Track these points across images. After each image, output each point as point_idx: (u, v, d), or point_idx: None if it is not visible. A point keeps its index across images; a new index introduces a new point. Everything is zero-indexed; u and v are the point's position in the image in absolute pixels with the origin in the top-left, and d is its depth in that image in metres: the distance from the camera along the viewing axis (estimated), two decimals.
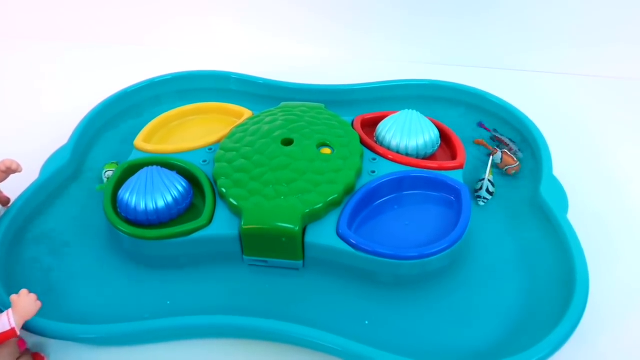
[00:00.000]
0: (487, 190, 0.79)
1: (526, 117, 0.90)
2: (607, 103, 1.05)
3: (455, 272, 0.71)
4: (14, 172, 0.73)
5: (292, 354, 0.63)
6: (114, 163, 0.85)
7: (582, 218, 0.75)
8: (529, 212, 0.78)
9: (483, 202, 0.79)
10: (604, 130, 0.97)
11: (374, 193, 0.75)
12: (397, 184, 0.76)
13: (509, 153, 0.84)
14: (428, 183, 0.76)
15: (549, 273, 0.69)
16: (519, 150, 0.86)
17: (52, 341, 0.65)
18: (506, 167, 0.83)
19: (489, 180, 0.80)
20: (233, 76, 1.01)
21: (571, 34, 1.10)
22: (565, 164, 0.85)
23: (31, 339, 0.65)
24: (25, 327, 0.62)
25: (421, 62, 1.16)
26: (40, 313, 0.64)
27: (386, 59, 1.18)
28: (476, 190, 0.80)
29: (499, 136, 0.88)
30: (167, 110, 0.93)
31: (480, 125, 0.91)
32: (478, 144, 0.89)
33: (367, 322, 0.66)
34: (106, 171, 0.84)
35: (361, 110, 0.91)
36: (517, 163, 0.83)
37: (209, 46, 1.23)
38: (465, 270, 0.71)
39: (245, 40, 1.22)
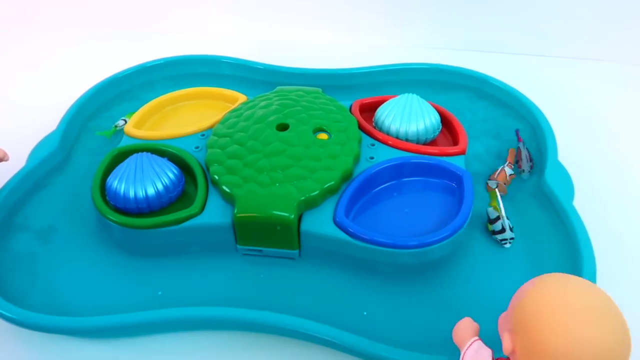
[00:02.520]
0: (510, 229, 0.69)
1: (530, 102, 0.87)
2: (614, 88, 1.02)
3: (456, 262, 0.68)
4: (0, 160, 0.71)
5: (288, 346, 0.61)
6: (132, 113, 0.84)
7: (588, 205, 0.73)
8: (533, 199, 0.76)
9: (509, 243, 0.69)
10: (611, 116, 0.95)
11: (373, 180, 0.73)
12: (397, 171, 0.74)
13: (508, 169, 0.77)
14: (429, 169, 0.74)
15: (555, 261, 0.67)
16: (529, 172, 0.78)
17: (39, 334, 0.63)
18: (497, 183, 0.76)
19: (506, 217, 0.70)
20: (227, 60, 0.98)
21: (577, 18, 1.07)
22: (571, 150, 0.83)
23: (17, 332, 0.63)
24: (11, 320, 0.60)
25: (421, 47, 1.13)
26: (26, 305, 0.62)
27: (385, 44, 1.14)
28: (495, 232, 0.69)
29: (522, 149, 0.81)
30: (159, 96, 0.90)
31: (517, 132, 0.84)
32: (510, 153, 0.81)
33: (365, 313, 0.64)
34: (121, 120, 0.79)
35: (359, 95, 0.88)
36: (504, 187, 0.76)
37: (203, 31, 1.20)
38: (467, 259, 0.69)
39: (240, 24, 1.19)
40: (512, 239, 0.69)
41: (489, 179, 0.77)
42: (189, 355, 0.62)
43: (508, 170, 0.77)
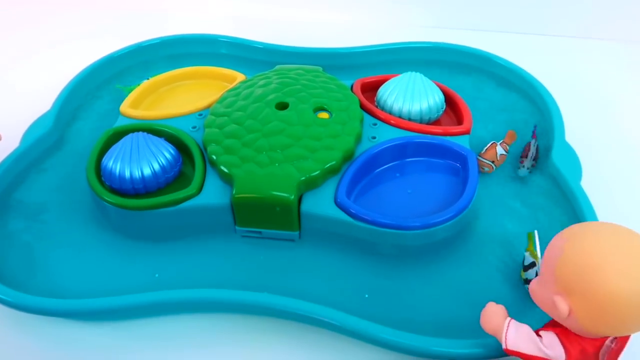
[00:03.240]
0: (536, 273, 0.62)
1: (537, 81, 0.85)
2: (622, 67, 1.00)
3: (460, 244, 0.67)
4: None
5: (289, 329, 0.60)
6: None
7: (596, 185, 0.71)
8: (540, 180, 0.74)
9: None
10: (619, 95, 0.93)
11: (375, 160, 0.71)
12: (400, 151, 0.72)
13: (500, 148, 0.74)
14: (432, 149, 0.72)
15: None
16: (528, 170, 0.74)
17: (34, 316, 0.62)
18: (484, 161, 0.73)
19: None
20: (225, 39, 0.96)
21: None
22: (579, 130, 0.80)
23: (12, 315, 0.62)
24: (6, 303, 0.59)
25: (424, 26, 1.10)
26: (20, 288, 0.61)
27: (388, 23, 1.12)
28: (527, 281, 0.62)
29: (532, 146, 0.76)
30: (155, 76, 0.88)
31: (534, 128, 0.79)
32: (510, 135, 0.78)
33: (367, 296, 0.63)
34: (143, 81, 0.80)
35: (360, 75, 0.86)
36: (491, 164, 0.73)
37: (200, 9, 1.17)
38: (472, 241, 0.67)
39: (239, 2, 1.16)
40: None
41: (478, 155, 0.74)
42: (187, 337, 0.61)
43: (499, 150, 0.74)
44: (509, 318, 0.49)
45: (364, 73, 0.87)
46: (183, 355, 0.59)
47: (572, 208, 0.68)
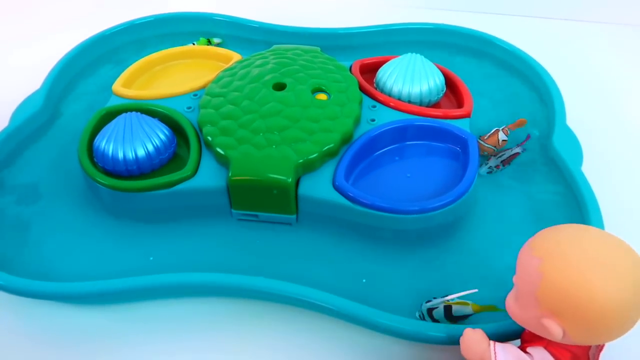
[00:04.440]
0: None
1: (537, 63, 0.84)
2: (622, 51, 0.99)
3: (459, 229, 0.66)
4: None
5: (284, 313, 0.60)
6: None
7: (597, 170, 0.70)
8: (540, 165, 0.73)
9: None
10: (620, 79, 0.92)
11: (374, 143, 0.69)
12: (399, 134, 0.70)
13: (502, 134, 0.72)
14: (432, 132, 0.71)
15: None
16: (491, 168, 0.72)
17: (26, 300, 0.61)
18: (486, 145, 0.72)
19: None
20: (220, 18, 0.93)
21: None
22: (579, 114, 0.79)
23: (2, 298, 0.60)
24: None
25: (423, 7, 1.08)
26: (11, 270, 0.59)
27: (388, 3, 1.09)
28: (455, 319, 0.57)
29: (513, 149, 0.73)
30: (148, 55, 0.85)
31: (528, 136, 0.75)
32: (519, 123, 0.75)
33: (364, 281, 0.62)
34: (217, 39, 0.80)
35: (358, 56, 0.84)
36: (490, 146, 0.72)
37: None
38: (471, 226, 0.67)
39: None
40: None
41: (479, 139, 0.73)
42: (182, 321, 0.60)
43: (502, 135, 0.73)
44: (491, 342, 0.47)
45: (363, 54, 0.85)
46: (177, 338, 0.59)
47: (572, 193, 0.67)
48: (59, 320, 0.60)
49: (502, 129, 0.74)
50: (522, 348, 0.46)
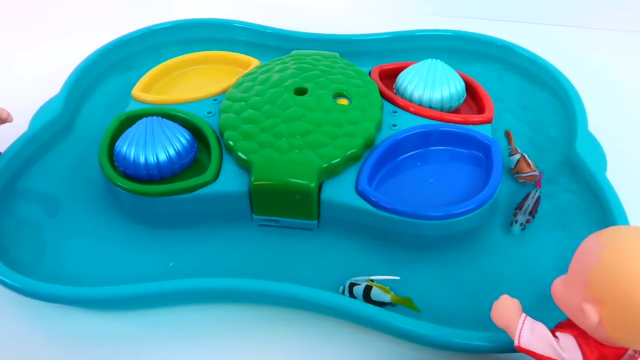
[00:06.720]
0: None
1: (558, 71, 0.83)
2: None
3: (483, 236, 0.65)
4: (4, 121, 0.67)
5: (305, 320, 0.59)
6: None
7: (622, 176, 0.69)
8: (564, 171, 0.72)
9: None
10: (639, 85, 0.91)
11: (396, 148, 0.69)
12: (423, 139, 0.70)
13: (527, 159, 0.71)
14: (456, 138, 0.70)
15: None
16: (523, 225, 0.66)
17: (46, 304, 0.60)
18: (518, 174, 0.70)
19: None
20: (239, 25, 0.93)
21: None
22: (602, 120, 0.78)
23: (22, 302, 0.60)
24: (16, 289, 0.57)
25: (443, 15, 1.07)
26: (31, 274, 0.59)
27: (406, 11, 1.09)
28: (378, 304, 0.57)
29: (530, 196, 0.69)
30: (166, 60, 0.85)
31: (540, 175, 0.71)
32: (507, 135, 0.77)
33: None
34: None
35: (377, 62, 0.84)
36: (533, 172, 0.69)
37: None
38: (494, 233, 0.66)
39: None
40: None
41: (515, 175, 0.71)
42: (202, 327, 0.59)
43: (518, 155, 0.71)
44: (524, 314, 0.46)
45: (381, 60, 0.85)
46: (197, 344, 0.58)
47: (597, 199, 0.66)
48: (77, 324, 0.59)
49: (511, 150, 0.73)
50: (552, 331, 0.45)
